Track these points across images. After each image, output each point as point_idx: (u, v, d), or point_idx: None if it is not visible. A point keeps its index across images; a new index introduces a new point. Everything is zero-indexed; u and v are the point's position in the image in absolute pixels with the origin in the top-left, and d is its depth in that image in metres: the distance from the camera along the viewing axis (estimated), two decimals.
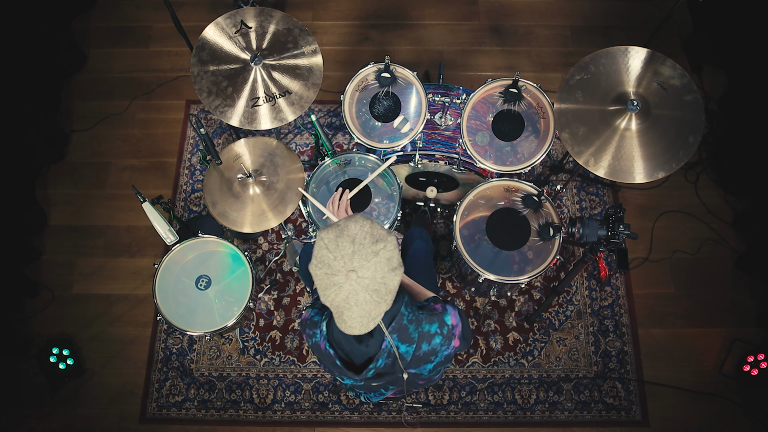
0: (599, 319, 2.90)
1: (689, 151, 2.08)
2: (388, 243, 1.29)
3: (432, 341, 1.48)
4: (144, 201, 2.24)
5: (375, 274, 1.27)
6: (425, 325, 1.47)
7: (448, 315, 1.51)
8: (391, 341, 1.42)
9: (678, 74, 2.14)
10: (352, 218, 1.33)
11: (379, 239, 1.29)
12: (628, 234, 2.04)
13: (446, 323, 1.50)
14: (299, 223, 3.10)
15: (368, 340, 1.44)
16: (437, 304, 1.53)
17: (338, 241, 1.28)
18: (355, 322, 1.30)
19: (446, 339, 1.49)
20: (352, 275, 1.26)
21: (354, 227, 1.30)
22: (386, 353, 1.44)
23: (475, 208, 2.43)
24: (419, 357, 1.48)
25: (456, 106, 2.55)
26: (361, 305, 1.28)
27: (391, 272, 1.29)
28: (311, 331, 1.54)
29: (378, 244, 1.28)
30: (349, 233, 1.29)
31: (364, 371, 1.47)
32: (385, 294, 1.29)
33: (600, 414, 2.75)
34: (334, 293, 1.28)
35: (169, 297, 2.35)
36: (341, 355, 1.50)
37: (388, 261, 1.28)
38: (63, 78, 3.42)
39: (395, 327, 1.42)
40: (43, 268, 3.05)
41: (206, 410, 2.78)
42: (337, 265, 1.27)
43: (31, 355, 2.84)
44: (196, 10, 3.59)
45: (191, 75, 2.22)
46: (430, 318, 1.48)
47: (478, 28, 3.55)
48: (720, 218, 3.07)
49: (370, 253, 1.27)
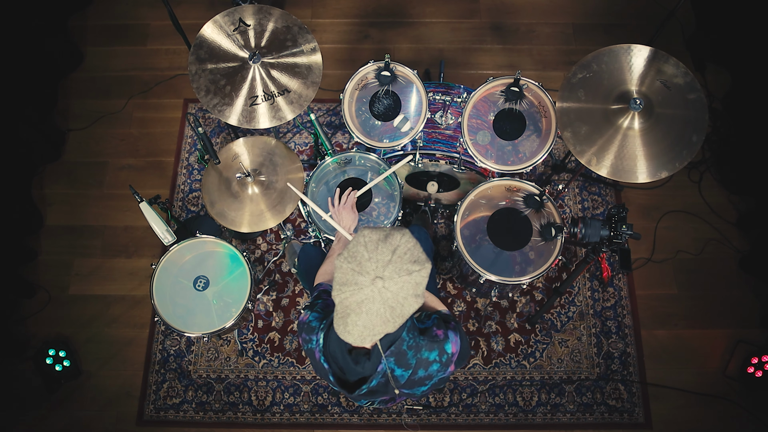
0: (602, 321, 2.89)
1: (692, 150, 2.07)
2: (424, 269, 1.27)
3: (429, 368, 1.45)
4: (141, 201, 2.23)
5: (400, 291, 1.25)
6: (424, 352, 1.43)
7: (449, 343, 1.46)
8: (387, 365, 1.39)
9: (681, 72, 2.13)
10: (400, 230, 1.31)
11: (418, 261, 1.27)
12: (630, 234, 2.03)
13: (446, 351, 1.46)
14: (298, 223, 3.09)
15: (365, 362, 1.41)
16: (439, 330, 1.48)
17: (379, 244, 1.27)
18: (356, 331, 1.27)
19: (444, 366, 1.47)
20: (378, 282, 1.24)
21: (400, 238, 1.28)
22: (381, 374, 1.41)
23: (476, 208, 2.42)
24: (414, 381, 1.45)
25: (457, 105, 2.54)
26: (370, 315, 1.25)
27: (413, 297, 1.27)
28: (308, 336, 1.51)
29: (415, 265, 1.26)
30: (393, 242, 1.27)
31: (357, 390, 1.44)
32: (398, 315, 1.27)
33: (602, 416, 2.74)
34: (351, 292, 1.25)
35: (166, 298, 2.34)
36: (335, 370, 1.47)
37: (416, 285, 1.27)
38: (59, 76, 3.41)
39: (394, 351, 1.39)
40: (40, 269, 3.04)
41: (204, 412, 2.77)
42: (368, 266, 1.25)
43: (27, 357, 2.83)
44: (194, 7, 3.59)
45: (189, 73, 2.22)
46: (431, 345, 1.44)
47: (479, 26, 3.54)
48: (724, 218, 3.07)
49: (405, 270, 1.25)
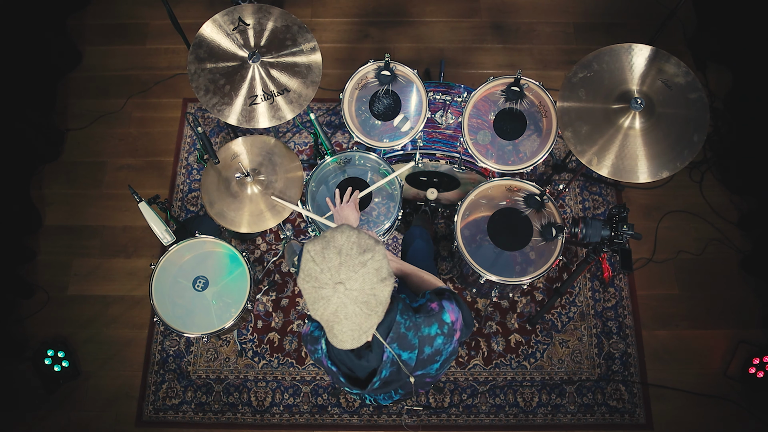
0: (602, 321, 2.88)
1: (694, 150, 2.07)
2: (376, 253, 1.26)
3: (434, 343, 1.44)
4: (140, 201, 2.23)
5: (363, 285, 1.24)
6: (424, 329, 1.42)
7: (446, 312, 1.45)
8: (392, 352, 1.39)
9: (682, 72, 2.13)
10: (338, 229, 1.30)
11: (367, 249, 1.26)
12: (631, 234, 2.03)
13: (445, 322, 1.45)
14: (298, 223, 3.08)
15: (367, 355, 1.40)
16: (433, 303, 1.47)
17: (324, 252, 1.25)
18: (346, 336, 1.27)
19: (448, 337, 1.45)
20: (340, 287, 1.23)
21: (340, 238, 1.27)
22: (389, 363, 1.40)
23: (476, 208, 2.42)
24: (424, 360, 1.44)
25: (457, 105, 2.53)
26: (351, 318, 1.25)
27: (380, 283, 1.25)
28: (312, 347, 1.51)
29: (365, 255, 1.25)
30: (336, 244, 1.26)
31: (369, 384, 1.44)
32: (375, 306, 1.26)
33: (603, 417, 2.73)
34: (323, 307, 1.25)
35: (165, 298, 2.33)
36: (345, 371, 1.47)
37: (377, 271, 1.25)
38: (58, 76, 3.40)
39: (393, 336, 1.38)
40: (38, 269, 3.04)
41: (203, 413, 2.76)
42: (324, 277, 1.24)
43: (25, 358, 2.82)
44: (193, 6, 3.58)
45: (188, 73, 2.21)
46: (428, 320, 1.43)
47: (480, 25, 3.53)
48: (725, 218, 3.06)
49: (358, 264, 1.24)
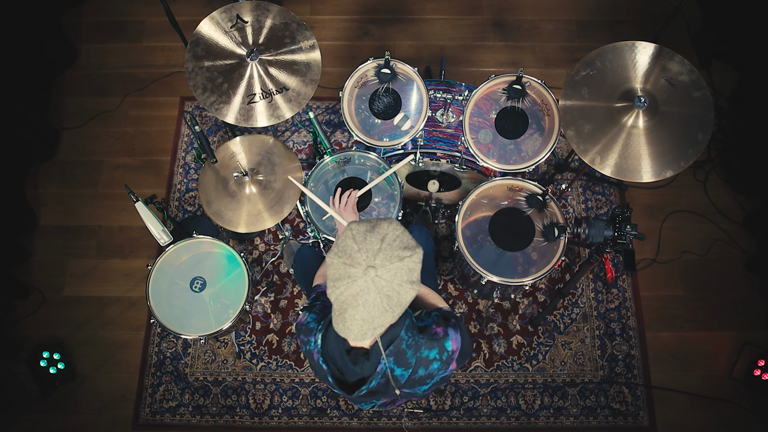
0: (605, 322, 2.86)
1: (698, 149, 2.06)
2: (415, 254, 1.27)
3: (429, 366, 1.42)
4: (137, 200, 2.23)
5: (393, 278, 1.24)
6: (424, 351, 1.41)
7: (449, 341, 1.44)
8: (387, 365, 1.37)
9: (686, 70, 2.12)
10: (387, 219, 1.31)
11: (408, 247, 1.27)
12: (635, 234, 2.02)
13: (446, 349, 1.44)
14: (297, 223, 3.06)
15: (363, 362, 1.39)
16: (439, 328, 1.45)
17: (367, 235, 1.27)
18: (355, 326, 1.26)
19: (444, 364, 1.44)
20: (371, 271, 1.23)
21: (387, 227, 1.29)
22: (380, 374, 1.39)
23: (477, 208, 2.41)
24: (414, 380, 1.43)
25: (458, 103, 2.53)
26: (368, 307, 1.24)
27: (408, 284, 1.26)
28: (306, 338, 1.50)
29: (406, 251, 1.26)
30: (381, 231, 1.27)
31: (356, 391, 1.42)
32: (395, 304, 1.26)
33: (606, 420, 2.72)
34: (345, 286, 1.24)
35: (162, 299, 2.33)
36: (334, 372, 1.45)
37: (410, 272, 1.26)
38: (54, 74, 3.39)
39: (393, 350, 1.37)
40: (33, 270, 3.02)
41: (201, 416, 2.75)
42: (359, 257, 1.24)
43: (20, 359, 2.81)
44: (190, 3, 3.57)
45: (186, 71, 2.20)
46: (430, 344, 1.42)
47: (481, 22, 3.52)
48: (730, 218, 3.04)
49: (396, 257, 1.24)
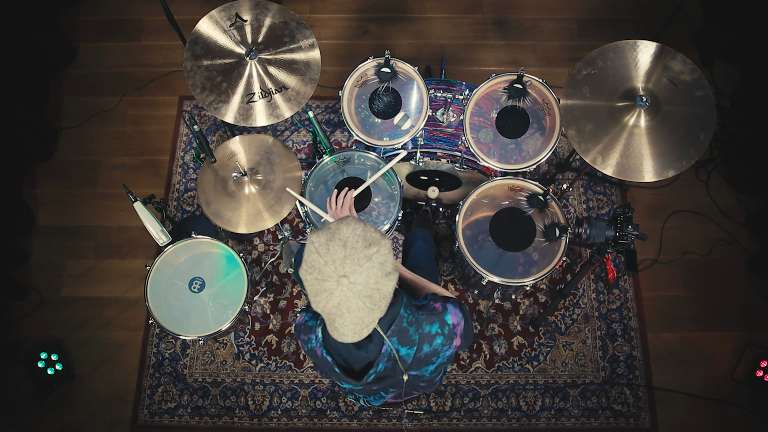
0: (607, 323, 2.85)
1: (700, 148, 2.05)
2: (382, 247, 1.26)
3: (433, 342, 1.45)
4: (135, 200, 2.23)
5: (368, 279, 1.23)
6: (425, 327, 1.43)
7: (448, 314, 1.47)
8: (390, 345, 1.39)
9: (688, 69, 2.11)
10: (344, 221, 1.29)
11: (372, 243, 1.25)
12: (636, 235, 2.03)
13: (447, 323, 1.46)
14: (296, 223, 3.05)
15: (367, 346, 1.40)
16: (437, 303, 1.49)
17: (329, 244, 1.25)
18: (348, 330, 1.27)
19: (447, 339, 1.46)
20: (344, 281, 1.22)
21: (346, 230, 1.26)
22: (386, 357, 1.41)
23: (478, 208, 2.41)
24: (420, 359, 1.45)
25: (458, 102, 2.52)
26: (353, 312, 1.24)
27: (384, 277, 1.25)
28: (306, 336, 1.51)
29: (371, 248, 1.24)
30: (341, 236, 1.25)
31: (364, 377, 1.44)
32: (378, 300, 1.26)
33: (608, 421, 2.71)
34: (325, 300, 1.24)
35: (161, 300, 2.33)
36: (339, 362, 1.47)
37: (382, 266, 1.25)
38: (51, 73, 3.39)
39: (395, 330, 1.38)
40: (31, 270, 3.02)
41: (200, 417, 2.74)
42: (328, 270, 1.23)
43: (18, 360, 2.81)
44: (189, 2, 3.56)
45: (184, 70, 2.20)
46: (431, 318, 1.44)
47: (482, 21, 3.51)
48: (732, 218, 3.04)
49: (363, 258, 1.23)
